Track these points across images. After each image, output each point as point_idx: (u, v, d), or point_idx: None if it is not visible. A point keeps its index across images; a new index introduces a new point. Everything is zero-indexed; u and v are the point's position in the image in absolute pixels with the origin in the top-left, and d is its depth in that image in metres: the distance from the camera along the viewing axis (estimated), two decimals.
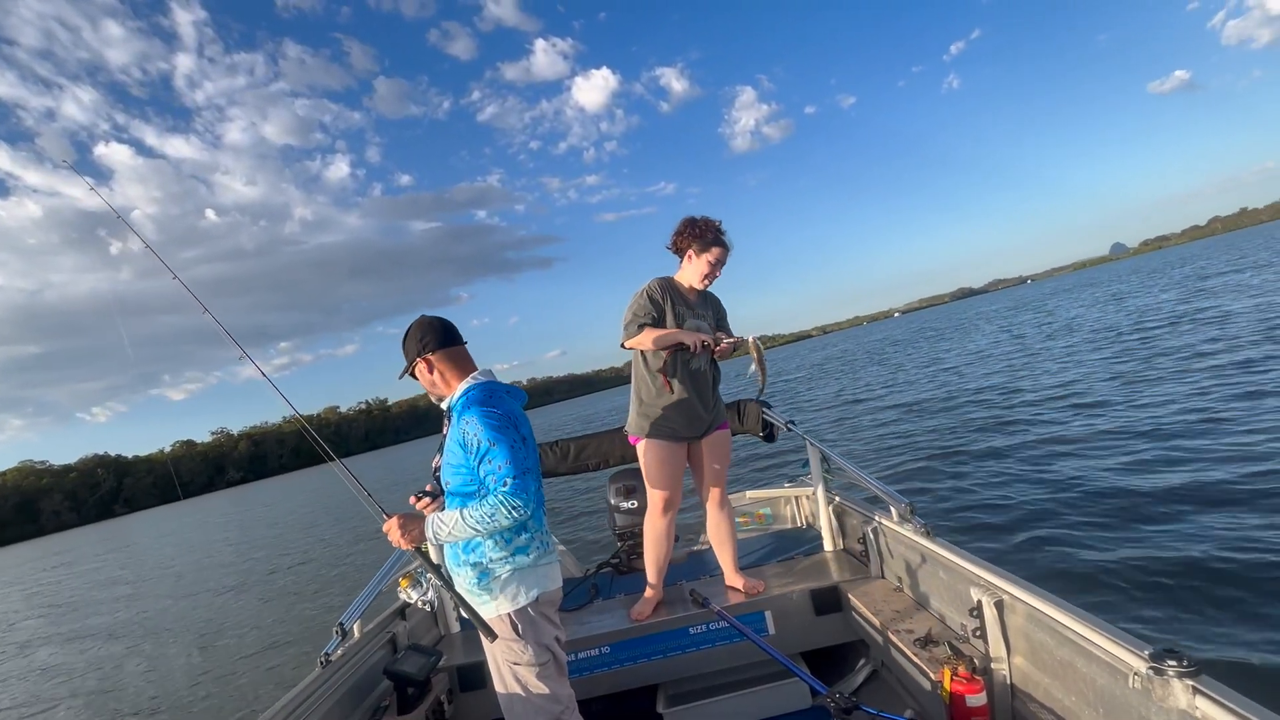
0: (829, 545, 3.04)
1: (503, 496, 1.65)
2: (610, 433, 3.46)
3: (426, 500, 1.94)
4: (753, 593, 2.66)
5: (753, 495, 4.00)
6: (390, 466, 47.27)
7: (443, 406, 1.91)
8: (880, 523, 2.55)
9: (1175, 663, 1.19)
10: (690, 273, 2.67)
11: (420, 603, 2.02)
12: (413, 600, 2.03)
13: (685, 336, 2.53)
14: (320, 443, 2.11)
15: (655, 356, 2.63)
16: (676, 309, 2.63)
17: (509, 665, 1.80)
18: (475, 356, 1.94)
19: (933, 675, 1.83)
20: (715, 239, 2.61)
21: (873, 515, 2.62)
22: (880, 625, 2.22)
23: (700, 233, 2.61)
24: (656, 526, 2.73)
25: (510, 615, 1.77)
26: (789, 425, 3.19)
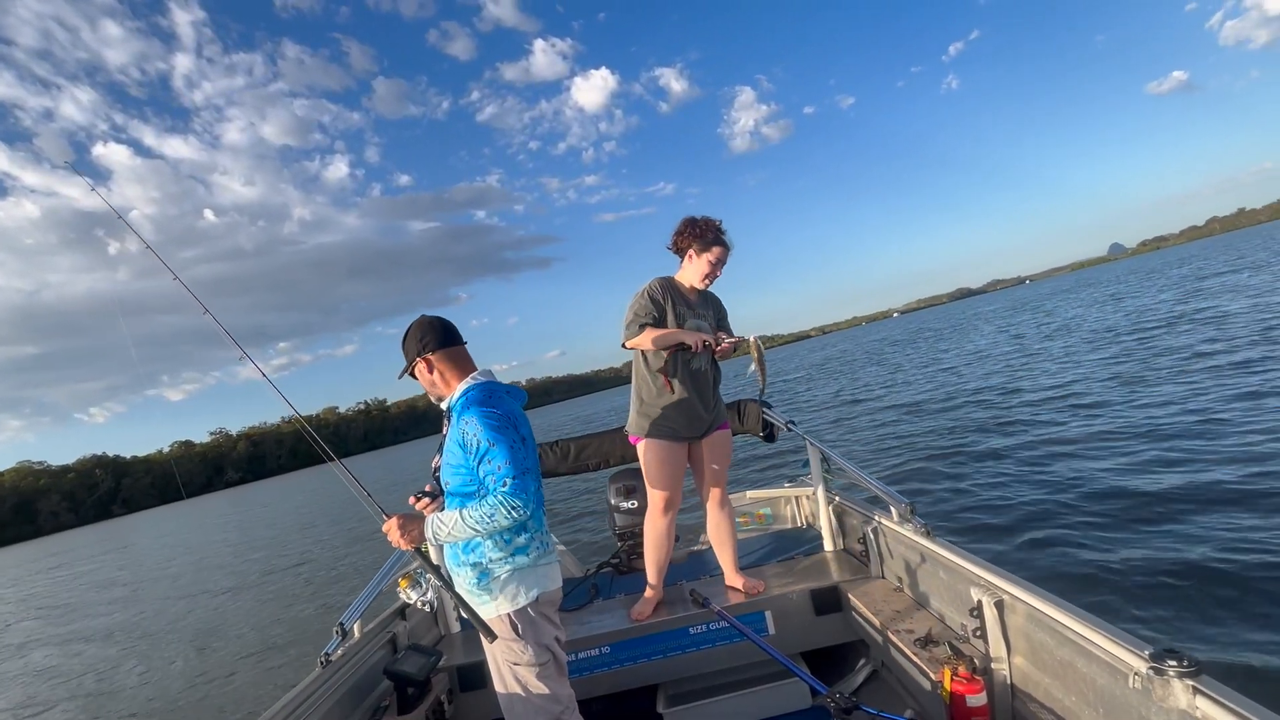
0: (829, 545, 3.04)
1: (502, 497, 1.65)
2: (610, 433, 3.46)
3: (426, 500, 1.94)
4: (753, 593, 2.66)
5: (753, 495, 4.00)
6: (389, 467, 47.22)
7: (442, 407, 1.91)
8: (880, 523, 2.55)
9: (1175, 663, 1.19)
10: (691, 272, 2.67)
11: (420, 603, 2.02)
12: (412, 600, 2.03)
13: (686, 336, 2.53)
14: (320, 443, 2.10)
15: (656, 356, 2.62)
16: (677, 309, 2.63)
17: (509, 665, 1.80)
18: (474, 357, 1.94)
19: (933, 675, 1.83)
20: (716, 238, 2.61)
21: (873, 515, 2.62)
22: (880, 625, 2.21)
23: (701, 232, 2.61)
24: (657, 526, 2.73)
25: (510, 615, 1.77)
26: (789, 425, 3.19)
